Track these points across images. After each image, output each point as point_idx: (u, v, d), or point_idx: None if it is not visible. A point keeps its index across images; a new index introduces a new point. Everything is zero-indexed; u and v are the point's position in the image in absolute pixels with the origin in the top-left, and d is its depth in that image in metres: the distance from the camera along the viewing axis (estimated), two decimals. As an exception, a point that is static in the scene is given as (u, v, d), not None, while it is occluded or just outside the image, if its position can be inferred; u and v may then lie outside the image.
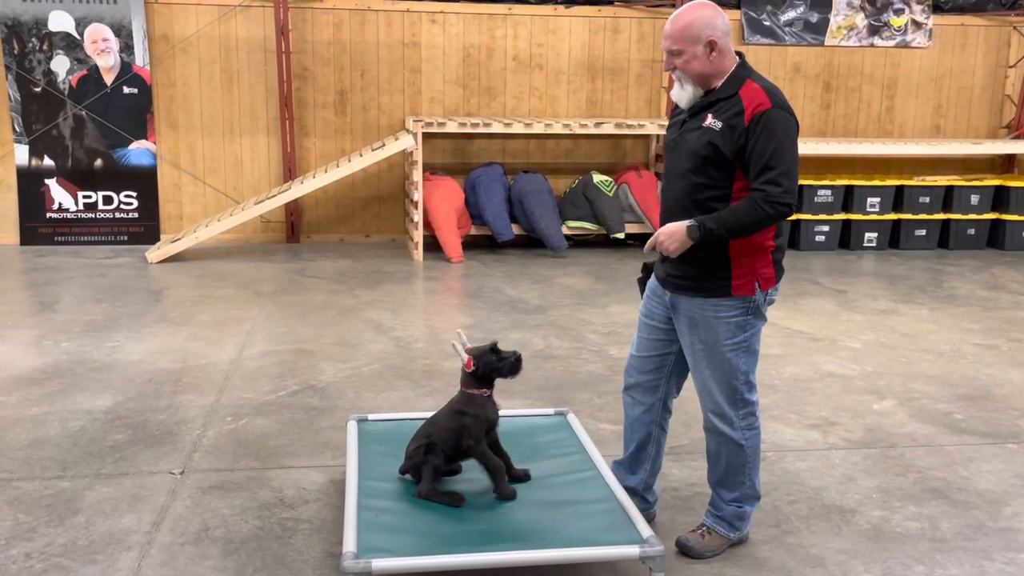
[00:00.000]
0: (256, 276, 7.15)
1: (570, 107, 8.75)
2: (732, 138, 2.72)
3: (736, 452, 3.01)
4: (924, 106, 9.31)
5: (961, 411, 4.52)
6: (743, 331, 2.88)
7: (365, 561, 2.59)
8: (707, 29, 2.75)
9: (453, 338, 3.20)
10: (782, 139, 2.68)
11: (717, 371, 2.92)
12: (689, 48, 2.76)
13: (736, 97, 2.74)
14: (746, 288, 2.85)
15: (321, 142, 8.45)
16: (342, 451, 3.86)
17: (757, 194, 2.69)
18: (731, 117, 2.73)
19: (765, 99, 2.71)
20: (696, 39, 2.75)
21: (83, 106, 8.04)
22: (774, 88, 2.80)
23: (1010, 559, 3.12)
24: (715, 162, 2.77)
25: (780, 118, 2.70)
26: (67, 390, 4.57)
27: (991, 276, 7.68)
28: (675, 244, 2.79)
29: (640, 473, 3.25)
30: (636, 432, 3.21)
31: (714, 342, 2.89)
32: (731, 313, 2.86)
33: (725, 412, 2.97)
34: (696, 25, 2.75)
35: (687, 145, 2.83)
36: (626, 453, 3.28)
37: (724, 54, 2.78)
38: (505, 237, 8.05)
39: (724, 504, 3.11)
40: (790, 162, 2.69)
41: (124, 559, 3.02)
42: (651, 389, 3.14)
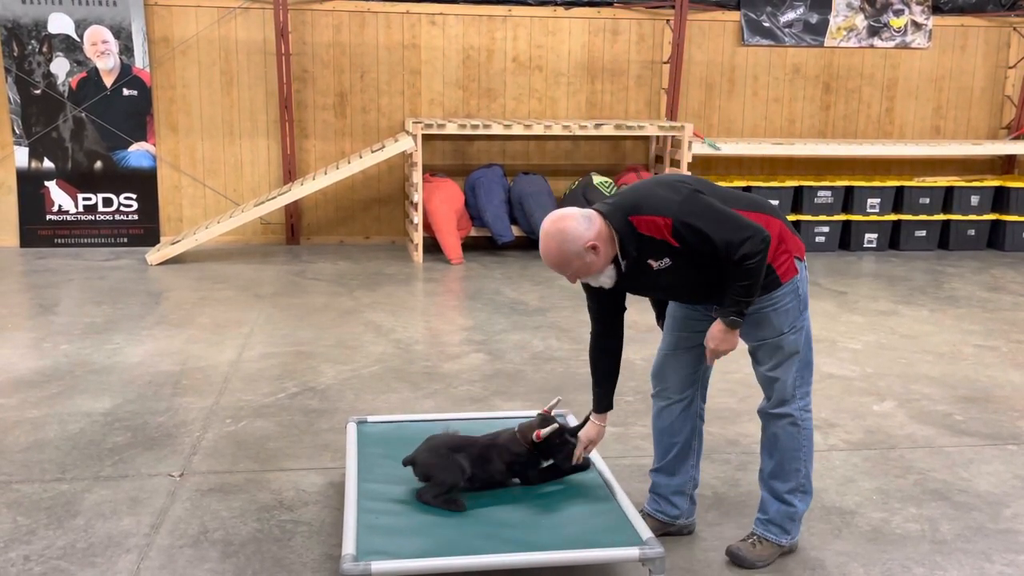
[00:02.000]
0: (256, 278, 7.15)
1: (570, 109, 8.75)
2: (685, 255, 2.74)
3: (793, 434, 2.99)
4: (924, 107, 9.31)
5: (961, 412, 4.52)
6: (800, 312, 2.91)
7: (364, 563, 2.59)
8: (577, 242, 2.70)
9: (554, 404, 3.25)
10: (707, 222, 2.69)
11: (785, 357, 2.93)
12: (577, 264, 2.74)
13: (646, 239, 2.73)
14: (791, 270, 2.88)
15: (321, 144, 8.45)
16: (342, 453, 3.85)
17: (738, 263, 2.71)
18: (665, 251, 2.74)
19: (659, 219, 2.70)
20: (578, 255, 2.72)
21: (83, 108, 8.04)
22: (648, 194, 2.77)
23: (1010, 560, 3.12)
24: (699, 266, 2.78)
25: (685, 212, 2.69)
26: (66, 392, 4.57)
27: (991, 277, 7.67)
28: (730, 344, 2.83)
29: (685, 471, 3.20)
30: (679, 432, 3.15)
31: (777, 334, 2.91)
32: (786, 300, 2.89)
33: (786, 396, 2.97)
34: (567, 248, 2.71)
35: (662, 281, 2.83)
36: (665, 458, 3.20)
37: (603, 238, 2.73)
38: (505, 239, 8.05)
39: (774, 502, 3.06)
40: (729, 222, 2.70)
41: (123, 562, 3.01)
42: (690, 382, 3.12)
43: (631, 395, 4.64)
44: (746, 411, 4.41)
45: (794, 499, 3.06)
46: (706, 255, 2.73)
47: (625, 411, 4.42)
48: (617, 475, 3.37)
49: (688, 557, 3.10)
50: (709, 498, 3.53)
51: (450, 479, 3.00)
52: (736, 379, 4.78)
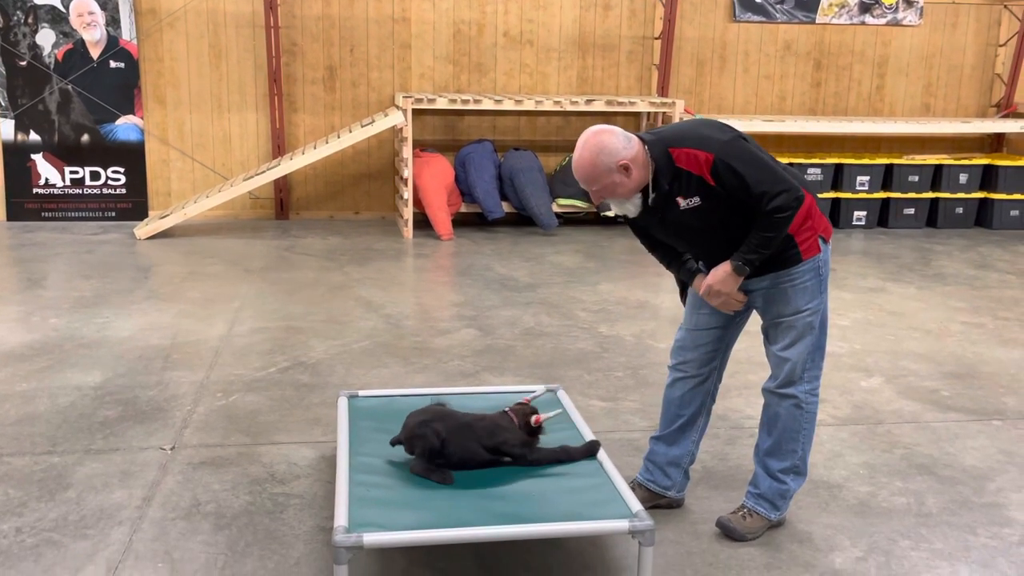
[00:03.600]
0: (245, 253, 7.13)
1: (561, 84, 8.71)
2: (716, 197, 2.73)
3: (795, 416, 2.99)
4: (914, 85, 9.32)
5: (948, 388, 4.56)
6: (820, 293, 2.90)
7: (356, 535, 2.60)
8: (612, 158, 2.69)
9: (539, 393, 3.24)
10: (747, 166, 2.68)
11: (798, 337, 2.91)
12: (606, 180, 2.72)
13: (682, 172, 2.72)
14: (814, 248, 2.86)
15: (310, 118, 8.40)
16: (333, 427, 3.87)
17: (769, 213, 2.70)
18: (697, 188, 2.72)
19: (701, 153, 2.69)
20: (608, 171, 2.70)
21: (69, 80, 7.96)
22: (693, 130, 2.76)
23: (994, 533, 3.16)
24: (724, 213, 2.77)
25: (728, 153, 2.68)
26: (56, 366, 4.56)
27: (979, 255, 7.72)
28: (729, 287, 2.83)
29: (685, 444, 3.20)
30: (688, 405, 3.16)
31: (794, 311, 2.89)
32: (806, 278, 2.87)
33: (794, 378, 2.96)
34: (601, 161, 2.70)
35: (684, 223, 2.80)
36: (669, 428, 3.20)
37: (638, 162, 2.73)
38: (495, 215, 8.04)
39: (767, 479, 3.07)
40: (769, 172, 2.69)
41: (115, 534, 3.02)
42: (708, 360, 3.11)
43: (621, 371, 4.66)
44: (736, 386, 4.44)
45: (787, 478, 3.08)
46: (735, 203, 2.71)
47: (615, 386, 4.45)
48: (608, 449, 3.39)
49: (677, 530, 3.13)
50: (699, 472, 3.56)
51: (427, 444, 3.00)
52: (725, 355, 4.80)
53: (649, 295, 5.99)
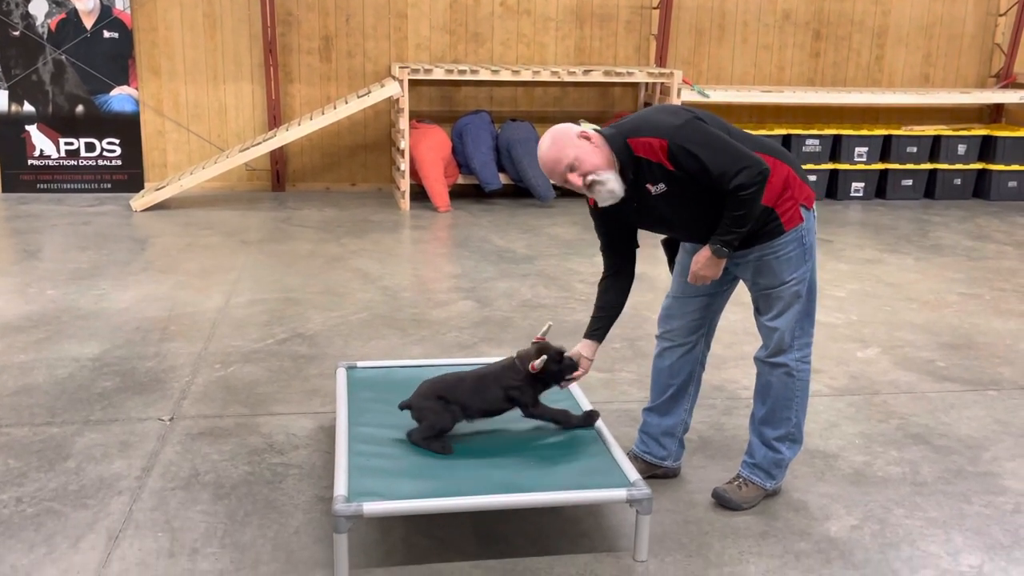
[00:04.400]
0: (242, 225, 7.11)
1: (558, 54, 8.65)
2: (681, 181, 2.74)
3: (786, 384, 3.00)
4: (914, 55, 9.26)
5: (944, 359, 4.58)
6: (805, 261, 2.90)
7: (356, 504, 2.62)
8: (569, 135, 2.76)
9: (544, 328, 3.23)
10: (702, 148, 2.68)
11: (786, 307, 2.92)
12: (573, 152, 2.73)
13: (643, 161, 2.74)
14: (796, 218, 2.85)
15: (306, 89, 8.35)
16: (331, 398, 3.88)
17: (733, 192, 2.70)
18: (660, 174, 2.74)
19: (655, 140, 2.70)
20: (570, 144, 2.74)
21: (62, 51, 7.90)
22: (648, 119, 2.77)
23: (988, 502, 3.19)
24: (697, 197, 2.77)
25: (682, 137, 2.69)
26: (54, 338, 4.56)
27: (976, 226, 7.72)
28: (713, 271, 2.84)
29: (678, 413, 3.22)
30: (677, 374, 3.17)
31: (781, 282, 2.89)
32: (789, 249, 2.86)
33: (783, 346, 2.97)
34: (559, 139, 2.75)
35: (661, 210, 2.83)
36: (660, 398, 3.22)
37: (597, 141, 2.76)
38: (492, 186, 8.02)
39: (762, 448, 3.09)
40: (725, 151, 2.68)
41: (115, 503, 3.04)
42: (695, 328, 3.12)
43: (618, 342, 4.67)
44: (732, 357, 4.46)
45: (782, 447, 3.10)
46: (701, 184, 2.71)
47: (612, 357, 4.46)
48: (605, 419, 3.40)
49: (674, 499, 3.16)
50: (695, 442, 3.58)
51: (440, 423, 3.02)
52: (722, 326, 4.80)
53: (646, 267, 5.98)
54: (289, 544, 2.83)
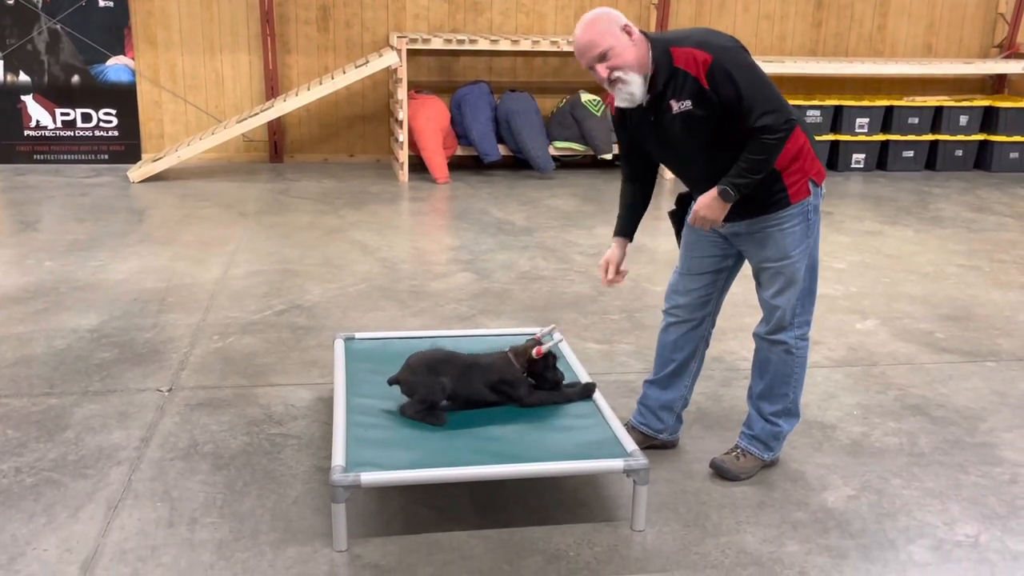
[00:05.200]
0: (240, 196, 7.08)
1: (558, 24, 8.58)
2: (708, 104, 2.66)
3: (785, 360, 3.00)
4: (916, 24, 9.18)
5: (943, 330, 4.58)
6: (808, 236, 2.87)
7: (354, 474, 2.62)
8: (613, 22, 2.68)
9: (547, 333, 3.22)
10: (744, 75, 2.62)
11: (787, 284, 2.90)
12: (610, 40, 2.66)
13: (679, 71, 2.67)
14: (803, 191, 2.82)
15: (304, 59, 8.28)
16: (329, 369, 3.88)
17: (759, 133, 2.64)
18: (691, 90, 2.66)
19: (701, 53, 2.63)
20: (611, 30, 2.67)
21: (58, 20, 7.82)
22: (697, 33, 2.72)
23: (984, 472, 3.20)
24: (714, 129, 2.71)
25: (728, 59, 2.62)
26: (52, 309, 4.56)
27: (977, 198, 7.69)
28: (715, 213, 2.77)
29: (678, 388, 3.22)
30: (681, 350, 3.16)
31: (783, 256, 2.87)
32: (794, 222, 2.83)
33: (784, 324, 2.96)
34: (601, 23, 2.68)
35: (674, 132, 2.75)
36: (662, 372, 3.21)
37: (638, 39, 2.70)
38: (491, 158, 7.98)
39: (760, 420, 3.09)
40: (764, 87, 2.64)
41: (115, 473, 3.05)
42: (701, 304, 3.10)
43: (617, 314, 4.67)
44: (731, 329, 4.45)
45: (780, 420, 3.10)
46: (725, 117, 2.65)
47: (611, 328, 4.46)
48: (603, 391, 3.40)
49: (671, 469, 3.16)
50: (693, 413, 3.59)
51: (430, 396, 3.01)
52: (721, 297, 4.81)
53: (646, 239, 5.97)
54: (288, 514, 2.84)
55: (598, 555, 2.67)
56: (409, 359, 3.11)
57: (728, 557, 2.68)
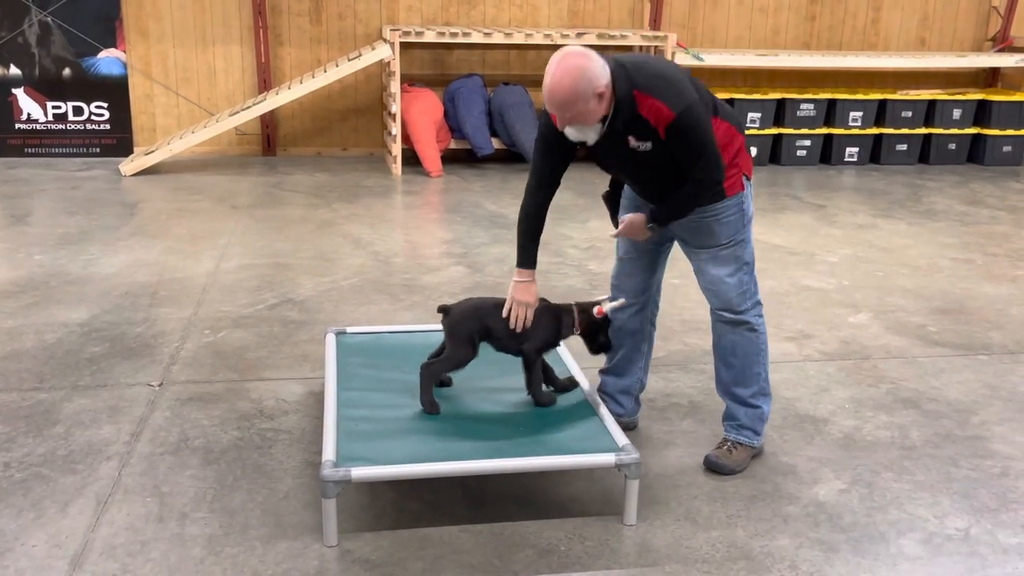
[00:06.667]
0: (232, 189, 7.06)
1: (551, 17, 8.55)
2: (663, 147, 2.75)
3: (750, 339, 3.06)
4: (910, 17, 9.17)
5: (935, 324, 4.58)
6: (742, 223, 2.97)
7: (345, 469, 2.62)
8: (591, 85, 2.63)
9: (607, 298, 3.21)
10: (697, 137, 2.71)
11: (724, 268, 2.98)
12: (582, 107, 2.66)
13: (641, 118, 2.70)
14: (737, 185, 2.93)
15: (296, 52, 8.25)
16: (321, 363, 3.87)
17: (695, 181, 2.78)
18: (650, 135, 2.73)
19: (665, 109, 2.66)
20: (586, 98, 2.64)
21: (48, 12, 7.78)
22: (663, 79, 2.70)
23: (976, 465, 3.20)
24: (667, 162, 2.80)
25: (688, 118, 2.67)
26: (42, 303, 4.53)
27: (970, 191, 7.70)
28: (638, 235, 2.96)
29: (633, 373, 3.30)
30: (630, 335, 3.24)
31: (717, 244, 2.96)
32: (729, 212, 2.93)
33: (734, 304, 3.02)
34: (580, 88, 2.62)
35: (629, 158, 2.81)
36: (615, 359, 3.30)
37: (609, 90, 2.68)
38: (485, 151, 7.96)
39: (741, 408, 3.12)
40: (708, 150, 2.75)
41: (104, 468, 3.03)
42: (643, 287, 3.19)
43: (610, 306, 4.66)
44: (723, 322, 4.45)
45: (759, 401, 3.14)
46: (672, 161, 2.77)
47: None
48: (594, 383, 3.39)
49: (663, 463, 3.16)
50: (684, 407, 3.59)
51: (461, 356, 3.03)
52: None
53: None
54: (278, 509, 2.83)
55: (589, 549, 2.67)
56: (464, 304, 3.11)
57: (719, 551, 2.68)
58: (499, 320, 3.06)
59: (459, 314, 3.09)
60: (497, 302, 3.11)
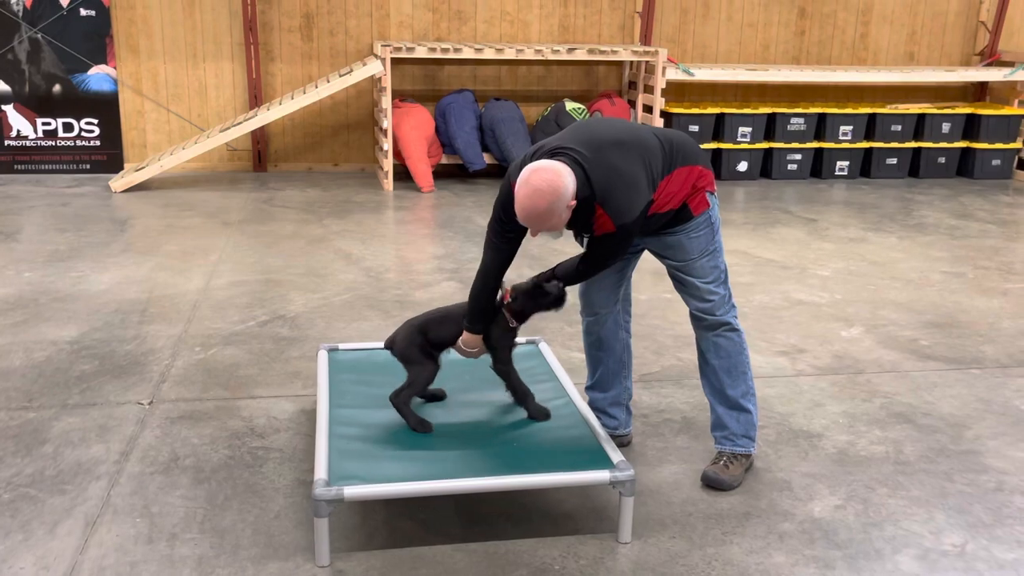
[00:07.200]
0: (223, 205, 7.04)
1: (542, 32, 8.58)
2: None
3: (732, 338, 3.08)
4: (898, 32, 9.24)
5: (927, 338, 4.58)
6: (712, 235, 3.01)
7: (337, 488, 2.59)
8: (564, 202, 2.65)
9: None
10: (615, 242, 2.77)
11: (700, 277, 3.02)
12: (556, 219, 2.69)
13: (591, 224, 2.78)
14: (703, 204, 2.98)
15: (287, 68, 8.25)
16: (312, 381, 3.84)
17: (590, 265, 2.88)
18: (589, 231, 2.81)
19: (609, 223, 2.73)
20: (560, 213, 2.67)
21: (38, 29, 7.76)
22: (617, 191, 2.71)
23: (970, 480, 3.19)
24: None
25: (620, 231, 2.73)
26: (31, 320, 4.50)
27: (960, 204, 7.73)
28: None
29: (618, 383, 3.30)
30: (608, 347, 3.25)
31: (689, 257, 3.00)
32: (699, 231, 2.98)
33: (713, 308, 3.05)
34: (556, 207, 2.64)
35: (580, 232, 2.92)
36: (597, 374, 3.31)
37: (572, 206, 2.71)
38: (476, 166, 7.96)
39: (732, 413, 3.12)
40: (618, 253, 2.82)
41: (93, 488, 3.00)
42: (612, 298, 3.20)
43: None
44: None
45: (748, 403, 3.14)
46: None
47: (596, 337, 4.43)
48: (588, 400, 3.38)
49: (657, 479, 3.14)
50: (678, 422, 3.57)
51: (423, 377, 3.03)
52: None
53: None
54: (270, 528, 2.81)
55: (584, 568, 2.65)
56: (403, 325, 3.11)
57: (715, 569, 2.66)
58: (442, 328, 3.06)
59: (402, 340, 3.08)
60: (431, 315, 3.11)
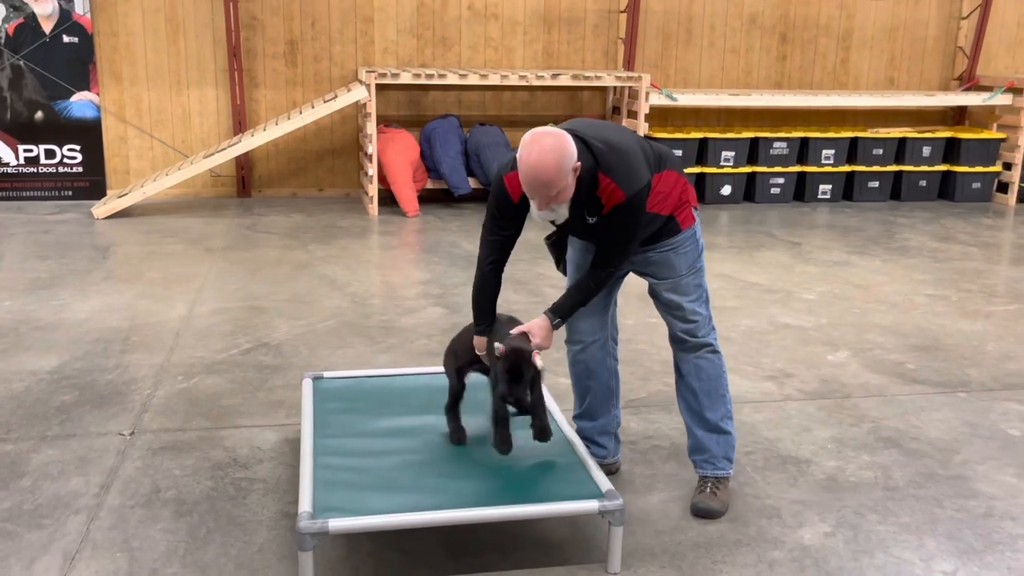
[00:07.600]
0: (207, 232, 6.99)
1: (526, 58, 8.62)
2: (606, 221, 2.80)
3: (714, 360, 3.09)
4: (878, 58, 9.33)
5: (913, 361, 4.58)
6: (697, 252, 3.04)
7: (322, 521, 2.55)
8: (570, 160, 2.64)
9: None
10: (633, 219, 2.77)
11: (685, 296, 3.03)
12: (563, 183, 2.66)
13: (596, 197, 2.75)
14: (689, 218, 3.00)
15: (272, 94, 8.24)
16: (297, 410, 3.80)
17: (594, 271, 2.87)
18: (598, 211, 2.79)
19: (619, 191, 2.71)
20: (567, 174, 2.65)
21: (21, 56, 7.73)
22: (625, 160, 2.72)
23: (960, 506, 3.18)
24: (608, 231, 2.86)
25: (635, 202, 2.72)
26: (10, 350, 4.44)
27: (942, 227, 7.78)
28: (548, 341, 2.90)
29: (607, 410, 3.27)
30: (595, 375, 3.22)
31: (677, 274, 3.01)
32: (686, 244, 3.00)
33: (696, 329, 3.05)
34: (564, 164, 2.62)
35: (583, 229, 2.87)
36: (585, 402, 3.27)
37: (578, 170, 2.69)
38: (462, 191, 7.96)
39: (712, 436, 3.11)
40: (636, 234, 2.83)
41: (72, 523, 2.94)
42: (599, 325, 3.17)
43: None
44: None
45: (727, 425, 3.14)
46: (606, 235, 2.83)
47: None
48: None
49: (645, 508, 3.12)
50: (666, 449, 3.55)
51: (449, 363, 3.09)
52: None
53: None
54: (253, 562, 2.76)
55: (573, 599, 2.61)
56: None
57: (705, 599, 2.63)
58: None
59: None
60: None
